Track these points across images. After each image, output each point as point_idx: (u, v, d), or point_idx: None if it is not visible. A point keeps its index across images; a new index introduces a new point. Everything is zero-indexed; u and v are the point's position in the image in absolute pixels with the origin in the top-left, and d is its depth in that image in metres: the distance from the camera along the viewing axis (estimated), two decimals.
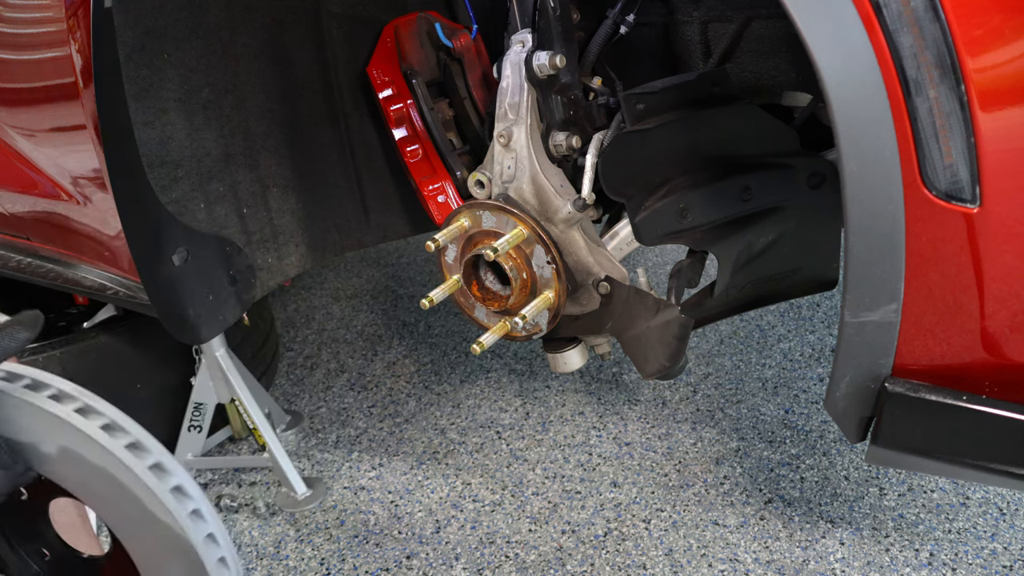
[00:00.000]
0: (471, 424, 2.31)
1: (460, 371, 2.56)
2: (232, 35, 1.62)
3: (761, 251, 1.46)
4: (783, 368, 2.43)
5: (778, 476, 2.01)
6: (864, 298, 1.05)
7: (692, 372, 2.44)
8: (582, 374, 2.46)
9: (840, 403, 1.13)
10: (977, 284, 0.99)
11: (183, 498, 0.96)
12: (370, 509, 2.03)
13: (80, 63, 1.41)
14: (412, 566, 1.85)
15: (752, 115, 1.38)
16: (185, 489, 0.96)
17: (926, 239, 0.99)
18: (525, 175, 1.41)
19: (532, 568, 1.81)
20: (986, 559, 1.75)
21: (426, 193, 1.82)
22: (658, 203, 1.37)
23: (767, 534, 1.84)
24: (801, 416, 2.22)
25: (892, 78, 0.93)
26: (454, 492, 2.06)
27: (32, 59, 1.57)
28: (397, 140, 1.81)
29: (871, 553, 1.77)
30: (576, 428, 2.25)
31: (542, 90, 1.38)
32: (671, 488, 2.00)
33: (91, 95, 1.41)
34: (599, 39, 1.47)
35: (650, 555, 1.82)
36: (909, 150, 0.95)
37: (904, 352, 1.06)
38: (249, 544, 1.95)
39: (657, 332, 1.42)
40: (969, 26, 0.91)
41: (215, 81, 1.62)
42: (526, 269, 1.44)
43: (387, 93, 1.80)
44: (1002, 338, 1.03)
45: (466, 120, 1.77)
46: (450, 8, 1.93)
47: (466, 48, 1.76)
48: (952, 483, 1.95)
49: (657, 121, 1.37)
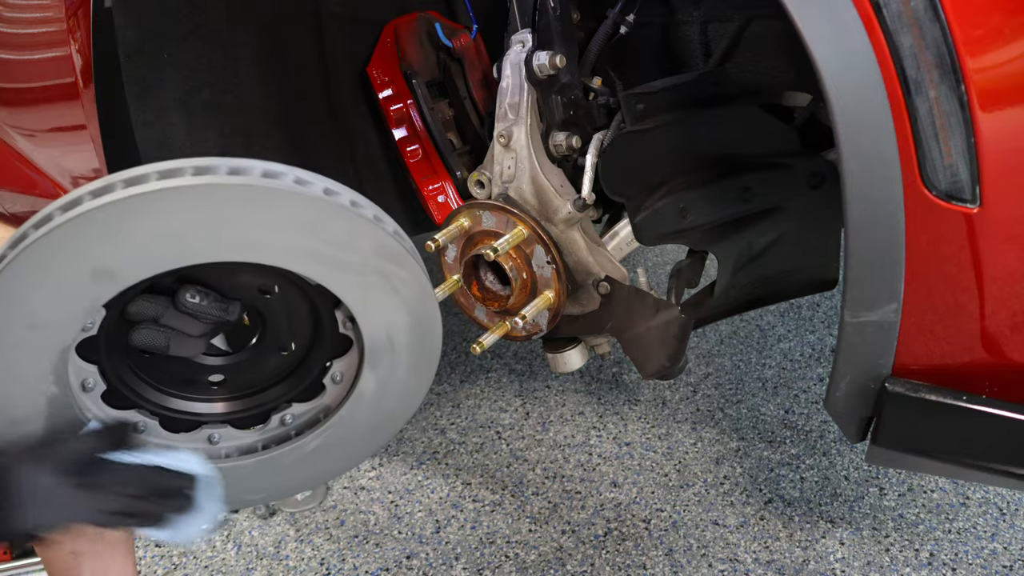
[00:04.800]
0: (471, 424, 2.31)
1: (460, 371, 2.56)
2: (232, 35, 1.62)
3: (761, 251, 1.46)
4: (783, 368, 2.43)
5: (778, 476, 2.01)
6: (864, 298, 1.05)
7: (692, 372, 2.44)
8: (582, 374, 2.46)
9: (840, 403, 1.13)
10: (977, 284, 0.99)
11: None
12: (370, 509, 2.02)
13: (80, 63, 1.41)
14: (412, 566, 1.85)
15: (752, 115, 1.38)
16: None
17: (926, 239, 0.99)
18: (525, 175, 1.41)
19: (532, 568, 1.81)
20: (986, 559, 1.75)
21: (426, 193, 1.81)
22: (658, 203, 1.37)
23: (767, 534, 1.84)
24: (801, 416, 2.22)
25: (892, 78, 0.93)
26: (454, 492, 2.06)
27: (32, 59, 1.57)
28: (397, 140, 1.81)
29: (871, 553, 1.77)
30: (576, 428, 2.25)
31: (542, 90, 1.38)
32: (671, 488, 2.00)
33: (91, 95, 1.41)
34: (599, 39, 1.47)
35: (650, 555, 1.82)
36: (909, 150, 0.95)
37: (904, 352, 1.06)
38: (249, 544, 1.95)
39: (657, 332, 1.42)
40: (969, 26, 0.91)
41: (215, 81, 1.62)
42: (526, 269, 1.44)
43: (387, 93, 1.80)
44: (1002, 338, 1.03)
45: (466, 120, 1.77)
46: (450, 8, 1.93)
47: (466, 48, 1.76)
48: (952, 483, 1.95)
49: (657, 121, 1.37)
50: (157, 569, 1.90)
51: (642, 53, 1.56)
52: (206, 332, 1.00)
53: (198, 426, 1.09)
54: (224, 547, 1.95)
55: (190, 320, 0.97)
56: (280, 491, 1.26)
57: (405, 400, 1.12)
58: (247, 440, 1.11)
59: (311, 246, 0.96)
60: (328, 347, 1.07)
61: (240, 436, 1.11)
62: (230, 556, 1.92)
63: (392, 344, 1.06)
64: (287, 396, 1.10)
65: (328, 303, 1.04)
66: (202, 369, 1.07)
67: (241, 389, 1.10)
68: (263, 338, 1.07)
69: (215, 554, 1.93)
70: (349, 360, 1.08)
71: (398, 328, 1.05)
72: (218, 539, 1.97)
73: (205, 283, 0.98)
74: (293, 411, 1.11)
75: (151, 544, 1.96)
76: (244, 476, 1.10)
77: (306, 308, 1.05)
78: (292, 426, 1.11)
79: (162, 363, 1.04)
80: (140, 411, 1.05)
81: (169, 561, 1.92)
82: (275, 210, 0.93)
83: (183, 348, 0.99)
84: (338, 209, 0.96)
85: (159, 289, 0.97)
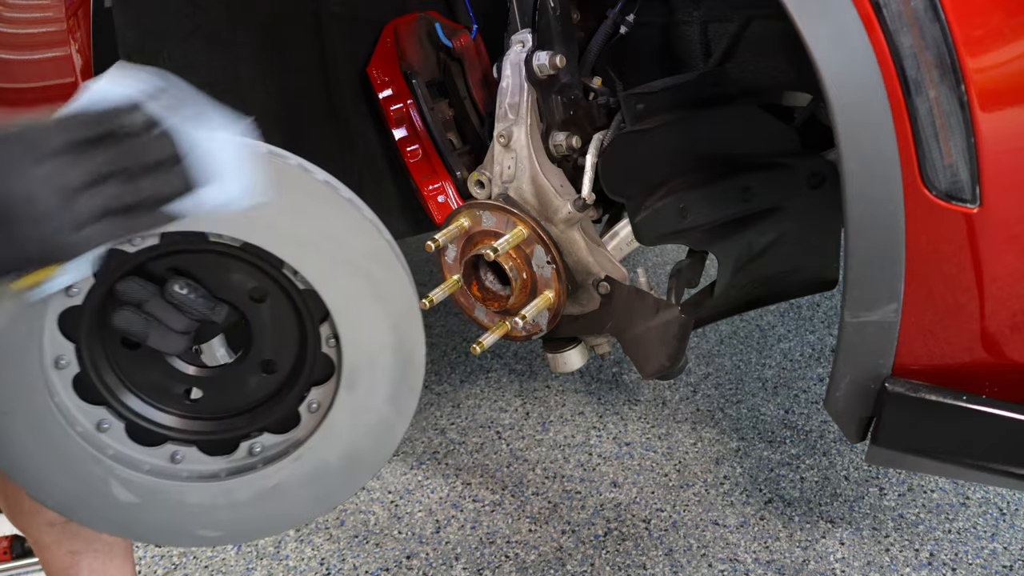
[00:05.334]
0: (471, 424, 2.31)
1: (460, 371, 2.56)
2: (232, 35, 1.62)
3: (761, 251, 1.46)
4: (783, 368, 2.43)
5: (778, 476, 2.01)
6: (864, 298, 1.05)
7: (692, 372, 2.44)
8: (582, 374, 2.46)
9: (840, 403, 1.13)
10: (977, 284, 0.99)
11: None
12: (370, 509, 2.03)
13: (80, 63, 1.42)
14: (412, 566, 1.85)
15: (752, 115, 1.38)
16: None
17: (926, 239, 0.99)
18: (525, 175, 1.41)
19: (532, 568, 1.82)
20: (986, 559, 1.75)
21: (426, 193, 1.81)
22: (658, 203, 1.37)
23: (767, 534, 1.84)
24: (801, 416, 2.22)
25: (892, 78, 0.93)
26: (454, 492, 2.06)
27: (32, 59, 1.57)
28: (397, 140, 1.81)
29: (871, 553, 1.78)
30: (576, 428, 2.25)
31: (542, 90, 1.38)
32: (671, 488, 2.00)
33: None
34: (599, 39, 1.47)
35: (650, 555, 1.82)
36: (909, 150, 0.95)
37: (904, 352, 1.06)
38: (249, 544, 1.95)
39: (657, 332, 1.42)
40: (969, 26, 0.91)
41: (215, 81, 1.62)
42: (526, 269, 1.44)
43: (387, 93, 1.80)
44: (1002, 338, 1.03)
45: (466, 120, 1.77)
46: (450, 8, 1.93)
47: (466, 48, 1.76)
48: (952, 483, 1.95)
49: (657, 121, 1.37)
50: (157, 569, 1.90)
51: (642, 53, 1.56)
52: (188, 330, 0.99)
53: (164, 440, 1.07)
54: (224, 547, 1.95)
55: (174, 312, 0.96)
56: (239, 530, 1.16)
57: (380, 436, 1.06)
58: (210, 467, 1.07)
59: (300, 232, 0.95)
60: (309, 370, 1.05)
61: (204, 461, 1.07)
62: (230, 556, 1.92)
63: (373, 365, 1.02)
64: (261, 423, 1.07)
65: (315, 316, 1.02)
66: (179, 377, 1.06)
67: (216, 409, 1.08)
68: (248, 351, 1.05)
69: (215, 554, 1.93)
70: (327, 388, 1.05)
71: (381, 347, 1.01)
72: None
73: (197, 277, 0.98)
74: (263, 441, 1.07)
75: (151, 544, 1.96)
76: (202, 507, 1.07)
77: (293, 320, 1.03)
78: (259, 458, 1.07)
79: (139, 362, 1.03)
80: (108, 409, 1.04)
81: (169, 561, 1.92)
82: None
83: (162, 342, 0.97)
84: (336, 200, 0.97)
85: (151, 276, 0.97)
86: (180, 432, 1.07)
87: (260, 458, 1.07)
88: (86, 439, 1.02)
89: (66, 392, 1.00)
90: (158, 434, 1.06)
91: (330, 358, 1.04)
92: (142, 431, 1.06)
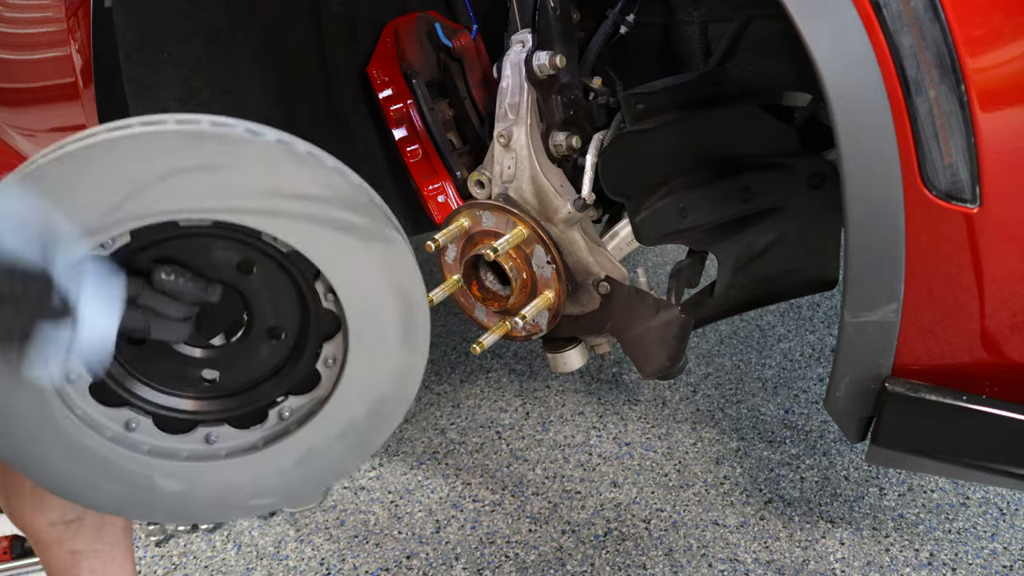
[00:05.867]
0: (471, 424, 2.31)
1: (460, 371, 2.56)
2: (232, 35, 1.62)
3: (761, 251, 1.46)
4: (783, 368, 2.43)
5: (778, 476, 2.01)
6: (864, 298, 1.05)
7: (692, 372, 2.44)
8: (582, 374, 2.46)
9: (840, 403, 1.13)
10: (977, 284, 1.00)
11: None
12: (370, 509, 2.03)
13: (80, 63, 1.42)
14: (412, 566, 1.85)
15: (752, 115, 1.38)
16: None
17: (926, 239, 0.99)
18: (525, 175, 1.41)
19: (532, 568, 1.82)
20: (986, 559, 1.75)
21: (426, 193, 1.82)
22: (658, 203, 1.37)
23: (767, 534, 1.84)
24: (801, 416, 2.22)
25: (892, 78, 0.93)
26: (454, 492, 2.06)
27: (32, 59, 1.58)
28: (397, 140, 1.81)
29: (871, 553, 1.78)
30: (576, 428, 2.25)
31: (542, 90, 1.39)
32: (671, 488, 2.00)
33: (91, 95, 1.41)
34: (599, 39, 1.47)
35: (650, 555, 1.82)
36: (909, 150, 0.95)
37: (904, 352, 1.06)
38: (249, 544, 1.95)
39: (657, 332, 1.42)
40: (969, 26, 0.91)
41: (215, 81, 1.62)
42: (526, 269, 1.44)
43: (387, 93, 1.80)
44: (1002, 338, 1.03)
45: (466, 120, 1.77)
46: (450, 8, 1.93)
47: (466, 48, 1.76)
48: (952, 483, 1.95)
49: (657, 121, 1.37)
50: (157, 569, 1.90)
51: (642, 53, 1.56)
52: (188, 316, 0.99)
53: (194, 425, 1.08)
54: (224, 547, 1.95)
55: (168, 300, 0.97)
56: (289, 492, 1.20)
57: (400, 376, 1.08)
58: (247, 439, 1.10)
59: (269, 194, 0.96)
60: (316, 327, 1.06)
61: (239, 436, 1.10)
62: (230, 556, 1.92)
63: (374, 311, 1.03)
64: (283, 388, 1.09)
65: (307, 274, 1.02)
66: (193, 362, 1.06)
67: (236, 383, 1.09)
68: (251, 323, 1.06)
69: (215, 554, 1.93)
70: (338, 341, 1.07)
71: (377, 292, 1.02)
72: (218, 539, 1.97)
73: (180, 262, 0.98)
74: (290, 404, 1.09)
75: (151, 544, 1.96)
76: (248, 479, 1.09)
77: (288, 283, 1.04)
78: (291, 420, 1.10)
79: (149, 355, 1.03)
80: (131, 408, 1.04)
81: (169, 561, 1.92)
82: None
83: (165, 331, 0.98)
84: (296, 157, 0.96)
85: (135, 270, 0.96)
86: (207, 413, 1.08)
87: (292, 420, 1.09)
88: (118, 441, 1.03)
89: (85, 402, 1.01)
90: (186, 420, 1.07)
91: (333, 312, 1.05)
92: (170, 421, 1.06)
